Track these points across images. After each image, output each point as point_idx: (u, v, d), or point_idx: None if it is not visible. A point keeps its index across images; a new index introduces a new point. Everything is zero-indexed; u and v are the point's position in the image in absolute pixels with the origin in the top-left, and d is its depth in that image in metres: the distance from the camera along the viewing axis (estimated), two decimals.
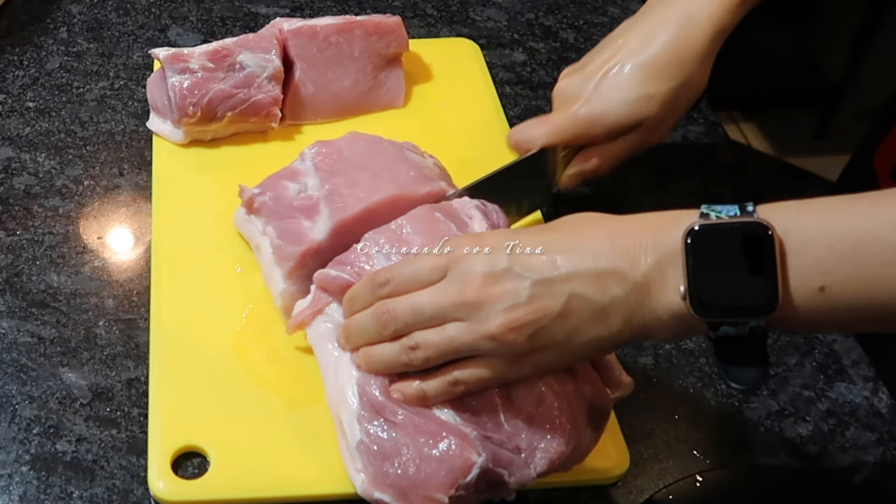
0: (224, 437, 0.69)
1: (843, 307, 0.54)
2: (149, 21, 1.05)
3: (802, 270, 0.54)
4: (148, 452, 0.68)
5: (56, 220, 0.84)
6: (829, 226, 0.54)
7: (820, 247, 0.54)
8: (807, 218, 0.55)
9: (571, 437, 0.62)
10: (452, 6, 1.09)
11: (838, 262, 0.53)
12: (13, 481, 0.67)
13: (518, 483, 0.62)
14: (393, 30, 0.94)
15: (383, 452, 0.62)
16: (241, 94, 0.87)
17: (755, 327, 0.56)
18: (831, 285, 0.53)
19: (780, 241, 0.54)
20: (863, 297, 0.53)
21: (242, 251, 0.80)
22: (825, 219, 0.55)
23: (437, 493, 0.60)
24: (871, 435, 0.74)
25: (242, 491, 0.66)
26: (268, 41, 0.90)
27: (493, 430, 0.62)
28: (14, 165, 0.88)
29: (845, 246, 0.53)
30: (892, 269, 0.52)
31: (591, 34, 1.07)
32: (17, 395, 0.72)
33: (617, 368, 0.68)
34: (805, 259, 0.54)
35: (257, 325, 0.75)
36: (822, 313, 0.55)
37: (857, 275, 0.53)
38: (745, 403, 0.75)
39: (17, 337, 0.75)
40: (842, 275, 0.53)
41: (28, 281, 0.79)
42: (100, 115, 0.94)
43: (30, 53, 1.00)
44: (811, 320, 0.56)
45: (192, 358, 0.73)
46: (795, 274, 0.54)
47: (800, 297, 0.54)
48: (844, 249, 0.53)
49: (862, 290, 0.53)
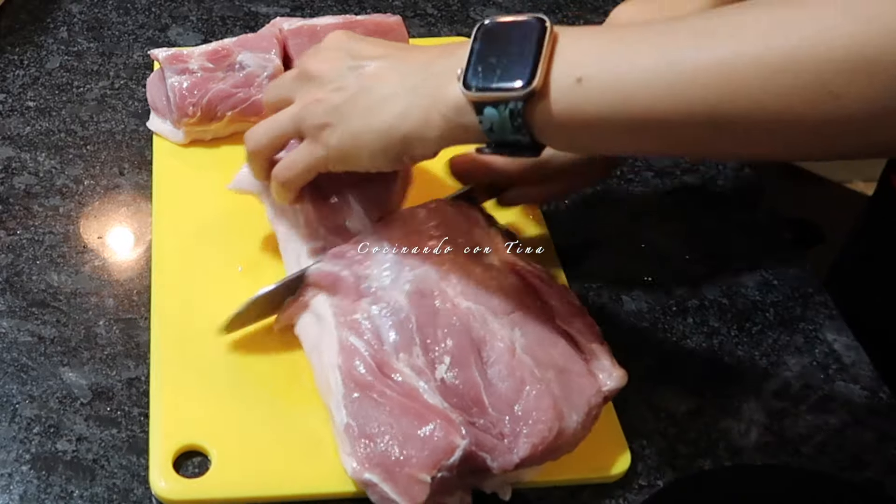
0: (225, 436, 0.69)
1: (594, 101, 0.57)
2: (149, 20, 1.05)
3: (565, 62, 0.57)
4: (149, 451, 0.68)
5: (56, 220, 0.84)
6: (601, 34, 0.59)
7: (585, 43, 0.58)
8: (588, 32, 0.59)
9: (554, 424, 0.63)
10: (453, 6, 1.09)
11: (596, 56, 0.57)
12: (13, 480, 0.67)
13: (501, 469, 0.63)
14: (393, 29, 0.93)
15: (369, 433, 0.63)
16: (241, 93, 0.88)
17: (515, 112, 0.58)
18: (588, 76, 0.57)
19: (554, 35, 0.58)
20: (612, 91, 0.56)
21: (243, 250, 0.80)
22: (598, 30, 0.60)
23: (420, 472, 0.61)
24: (871, 435, 0.74)
25: (244, 489, 0.67)
26: (268, 41, 0.90)
27: (477, 415, 0.64)
28: (14, 165, 0.89)
29: (604, 40, 0.58)
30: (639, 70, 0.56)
31: None
32: (17, 394, 0.72)
33: (606, 358, 0.68)
34: (571, 52, 0.58)
35: (258, 324, 0.75)
36: (577, 108, 0.57)
37: (609, 65, 0.56)
38: (745, 403, 0.75)
39: (17, 336, 0.76)
40: (596, 65, 0.57)
41: (28, 280, 0.79)
42: (100, 115, 0.94)
43: (30, 53, 1.00)
44: (567, 116, 0.58)
45: (194, 357, 0.73)
46: (559, 64, 0.58)
47: (558, 85, 0.57)
48: (602, 43, 0.58)
49: (610, 80, 0.56)
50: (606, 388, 0.67)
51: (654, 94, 0.55)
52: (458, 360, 0.66)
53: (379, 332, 0.67)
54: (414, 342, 0.66)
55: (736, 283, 0.84)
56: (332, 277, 0.70)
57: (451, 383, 0.65)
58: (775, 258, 0.86)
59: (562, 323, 0.70)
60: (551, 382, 0.65)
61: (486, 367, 0.66)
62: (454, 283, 0.69)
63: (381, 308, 0.68)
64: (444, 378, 0.65)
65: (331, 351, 0.67)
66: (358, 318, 0.68)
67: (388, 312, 0.68)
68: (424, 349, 0.66)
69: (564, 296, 0.71)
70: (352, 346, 0.67)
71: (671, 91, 0.55)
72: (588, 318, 0.70)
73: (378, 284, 0.69)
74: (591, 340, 0.69)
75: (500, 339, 0.67)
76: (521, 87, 0.57)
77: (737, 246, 0.87)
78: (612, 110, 0.57)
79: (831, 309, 0.82)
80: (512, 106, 0.58)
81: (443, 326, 0.67)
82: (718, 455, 0.72)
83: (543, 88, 0.57)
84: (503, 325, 0.68)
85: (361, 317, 0.68)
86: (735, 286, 0.83)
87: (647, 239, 0.86)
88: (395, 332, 0.67)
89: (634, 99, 0.56)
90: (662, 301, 0.82)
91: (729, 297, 0.82)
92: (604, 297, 0.72)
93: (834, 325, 0.81)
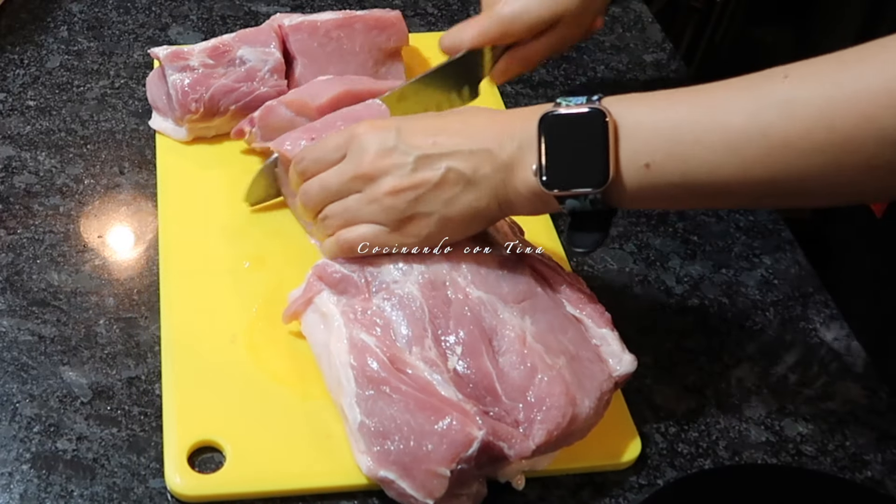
0: (239, 432, 0.69)
1: (664, 182, 0.61)
2: (149, 20, 1.05)
3: (632, 150, 0.62)
4: (164, 448, 0.68)
5: (56, 219, 0.84)
6: (656, 112, 0.62)
7: (646, 129, 0.61)
8: (639, 106, 0.63)
9: (567, 410, 0.64)
10: (453, 5, 1.09)
11: (660, 142, 0.61)
12: (14, 480, 0.67)
13: (518, 456, 0.63)
14: (393, 24, 0.94)
15: (384, 431, 0.63)
16: (243, 87, 0.88)
17: (595, 200, 0.63)
18: (654, 162, 0.61)
19: (614, 124, 0.62)
20: (679, 172, 0.60)
21: (250, 247, 0.81)
22: (653, 106, 0.62)
23: (438, 466, 0.61)
24: (871, 434, 0.74)
25: (259, 484, 0.67)
26: (266, 34, 0.90)
27: (491, 404, 0.65)
28: (15, 164, 0.89)
29: (666, 126, 0.60)
30: (701, 148, 0.59)
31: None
32: (17, 393, 0.72)
33: (616, 343, 0.69)
34: (634, 140, 0.62)
35: (268, 320, 0.75)
36: (648, 188, 0.62)
37: (674, 152, 0.60)
38: (746, 402, 0.75)
39: (17, 335, 0.76)
40: (662, 152, 0.60)
41: (28, 279, 0.79)
42: (100, 114, 0.94)
43: (30, 52, 1.00)
44: (640, 195, 0.63)
45: (205, 354, 0.73)
46: (626, 153, 0.62)
47: (629, 174, 0.62)
48: (665, 129, 0.60)
49: (678, 165, 0.60)
50: (617, 374, 0.68)
51: (722, 174, 0.59)
52: (469, 350, 0.66)
53: (391, 326, 0.67)
54: (426, 334, 0.67)
55: (736, 283, 0.84)
56: (339, 276, 0.70)
57: (463, 373, 0.65)
58: (775, 258, 0.86)
59: (572, 309, 0.71)
60: (563, 369, 0.66)
61: (498, 356, 0.67)
62: (465, 272, 0.70)
63: (393, 303, 0.68)
64: (456, 368, 0.66)
65: (341, 350, 0.67)
66: (369, 314, 0.68)
67: (399, 306, 0.68)
68: (436, 341, 0.67)
69: (574, 283, 0.72)
70: (363, 344, 0.67)
71: (742, 167, 0.59)
72: (598, 304, 0.71)
73: (391, 279, 0.70)
74: (602, 326, 0.70)
75: (510, 327, 0.67)
76: (597, 186, 0.63)
77: (737, 246, 0.87)
78: (683, 185, 0.61)
79: (831, 309, 0.82)
80: (591, 196, 0.63)
81: (454, 317, 0.68)
82: (718, 455, 0.72)
83: (616, 177, 0.62)
84: (514, 313, 0.68)
85: (372, 313, 0.68)
86: (735, 286, 0.83)
87: (647, 239, 0.86)
88: (407, 325, 0.67)
89: (701, 178, 0.60)
90: (662, 301, 0.82)
91: (729, 297, 0.82)
92: (604, 297, 0.72)
93: (834, 325, 0.81)
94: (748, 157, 0.58)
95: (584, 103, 0.63)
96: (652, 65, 1.05)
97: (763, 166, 0.58)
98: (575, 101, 0.64)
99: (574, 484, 0.69)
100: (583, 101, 0.64)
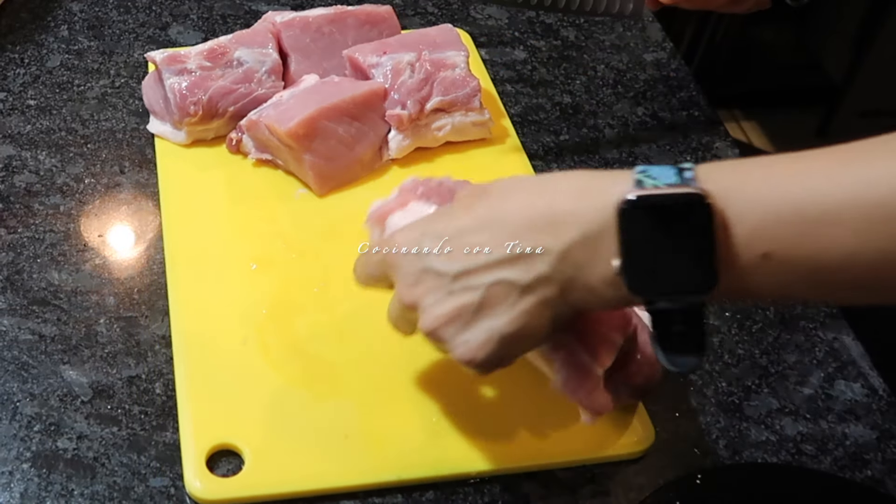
0: (257, 434, 0.69)
1: (787, 272, 0.50)
2: (149, 19, 1.05)
3: (745, 238, 0.50)
4: (181, 452, 0.68)
5: (57, 218, 0.84)
6: (773, 188, 0.50)
7: (762, 211, 0.50)
8: (749, 180, 0.51)
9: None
10: (453, 4, 1.09)
11: (782, 226, 0.49)
12: (14, 479, 0.67)
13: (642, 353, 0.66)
14: (385, 19, 0.93)
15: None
16: (241, 88, 0.88)
17: (694, 303, 0.53)
18: (775, 251, 0.50)
19: (720, 210, 0.50)
20: (808, 259, 0.49)
21: (256, 248, 0.81)
22: (768, 180, 0.51)
23: (612, 332, 0.64)
24: (871, 433, 0.74)
25: (280, 486, 0.67)
26: (263, 35, 0.90)
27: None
28: (15, 163, 0.89)
29: (789, 208, 0.49)
30: (838, 229, 0.48)
31: (592, 32, 1.07)
32: (17, 392, 0.72)
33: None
34: (747, 226, 0.50)
35: (278, 321, 0.75)
36: (765, 281, 0.51)
37: (802, 238, 0.49)
38: (746, 401, 0.75)
39: (17, 335, 0.76)
40: (786, 239, 0.49)
41: (29, 279, 0.79)
42: (101, 113, 0.94)
43: (31, 51, 1.00)
44: (755, 289, 0.52)
45: (217, 357, 0.73)
46: (738, 242, 0.50)
47: (742, 266, 0.50)
48: (788, 211, 0.49)
49: (807, 253, 0.49)
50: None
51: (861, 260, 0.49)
52: None
53: None
54: None
55: None
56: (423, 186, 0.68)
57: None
58: None
59: None
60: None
61: None
62: None
63: None
64: None
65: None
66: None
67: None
68: None
69: None
70: None
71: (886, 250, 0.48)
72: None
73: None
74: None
75: None
76: (702, 292, 0.51)
77: None
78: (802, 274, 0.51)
79: (831, 308, 0.82)
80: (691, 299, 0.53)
81: None
82: (718, 454, 0.72)
83: (726, 273, 0.51)
84: None
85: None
86: None
87: None
88: None
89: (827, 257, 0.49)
90: None
91: None
92: None
93: (834, 324, 0.81)
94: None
95: (675, 183, 0.51)
96: (652, 64, 1.05)
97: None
98: (663, 178, 0.51)
99: (574, 483, 0.69)
100: (672, 177, 0.51)
